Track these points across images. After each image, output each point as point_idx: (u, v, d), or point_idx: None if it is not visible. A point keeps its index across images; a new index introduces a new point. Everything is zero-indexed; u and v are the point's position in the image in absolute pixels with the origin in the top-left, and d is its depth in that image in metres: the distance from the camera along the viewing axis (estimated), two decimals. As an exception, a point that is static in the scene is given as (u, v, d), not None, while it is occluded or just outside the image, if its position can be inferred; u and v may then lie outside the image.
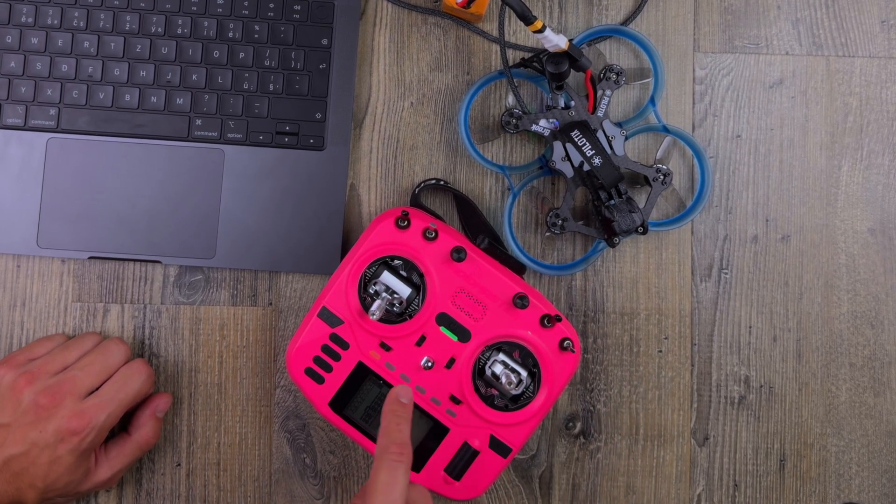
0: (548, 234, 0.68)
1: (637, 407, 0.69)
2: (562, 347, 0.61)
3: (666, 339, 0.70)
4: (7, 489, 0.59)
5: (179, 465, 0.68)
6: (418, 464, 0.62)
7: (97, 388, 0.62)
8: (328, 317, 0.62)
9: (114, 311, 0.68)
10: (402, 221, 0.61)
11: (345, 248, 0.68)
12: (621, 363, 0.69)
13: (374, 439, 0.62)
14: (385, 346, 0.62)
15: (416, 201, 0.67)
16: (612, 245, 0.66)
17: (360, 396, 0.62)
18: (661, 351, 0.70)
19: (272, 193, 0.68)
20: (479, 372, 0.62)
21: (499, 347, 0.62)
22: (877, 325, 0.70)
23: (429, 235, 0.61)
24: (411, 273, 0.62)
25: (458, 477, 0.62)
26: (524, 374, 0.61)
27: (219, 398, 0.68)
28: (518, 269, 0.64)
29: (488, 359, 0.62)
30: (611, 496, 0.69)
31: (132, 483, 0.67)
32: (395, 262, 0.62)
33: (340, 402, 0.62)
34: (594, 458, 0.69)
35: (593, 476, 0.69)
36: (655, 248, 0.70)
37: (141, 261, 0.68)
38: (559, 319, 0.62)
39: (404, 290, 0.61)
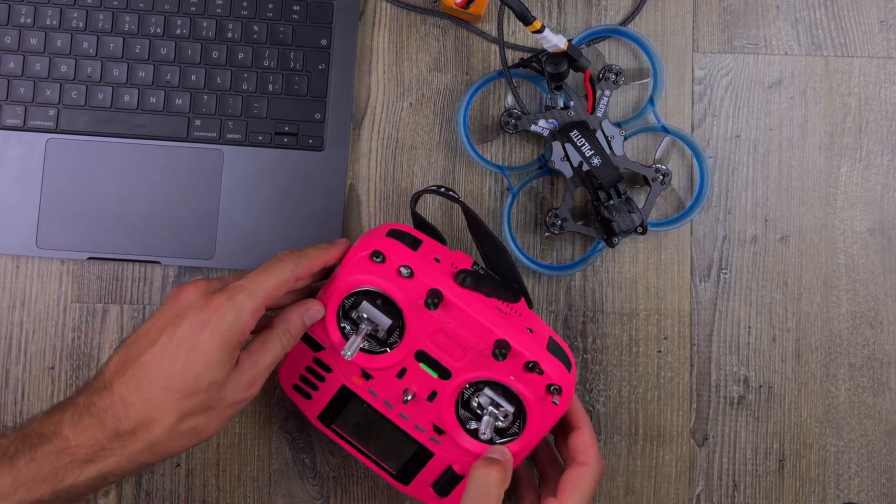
0: (547, 234, 0.68)
1: (636, 407, 0.69)
2: (548, 392, 0.57)
3: (665, 339, 0.70)
4: (130, 412, 0.51)
5: (179, 465, 0.68)
6: (407, 477, 0.62)
7: None
8: (310, 342, 0.60)
9: (113, 311, 0.68)
10: (377, 257, 0.57)
11: (344, 249, 0.68)
12: (620, 363, 0.69)
13: (363, 453, 0.62)
14: (367, 375, 0.59)
15: (415, 203, 0.66)
16: (612, 245, 0.66)
17: (347, 413, 0.61)
18: (660, 351, 0.70)
19: (271, 194, 0.68)
20: (464, 403, 0.59)
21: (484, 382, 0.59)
22: (876, 325, 0.70)
23: (403, 274, 0.56)
24: (392, 302, 0.58)
25: (444, 494, 0.61)
26: (510, 409, 0.58)
27: (218, 398, 0.68)
28: (512, 297, 0.59)
29: (472, 392, 0.59)
30: (610, 496, 0.69)
31: (131, 483, 0.67)
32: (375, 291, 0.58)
33: (329, 417, 0.61)
34: (593, 458, 0.69)
35: (592, 476, 0.69)
36: (654, 249, 0.70)
37: (140, 261, 0.68)
38: (541, 373, 0.56)
39: (385, 321, 0.58)
